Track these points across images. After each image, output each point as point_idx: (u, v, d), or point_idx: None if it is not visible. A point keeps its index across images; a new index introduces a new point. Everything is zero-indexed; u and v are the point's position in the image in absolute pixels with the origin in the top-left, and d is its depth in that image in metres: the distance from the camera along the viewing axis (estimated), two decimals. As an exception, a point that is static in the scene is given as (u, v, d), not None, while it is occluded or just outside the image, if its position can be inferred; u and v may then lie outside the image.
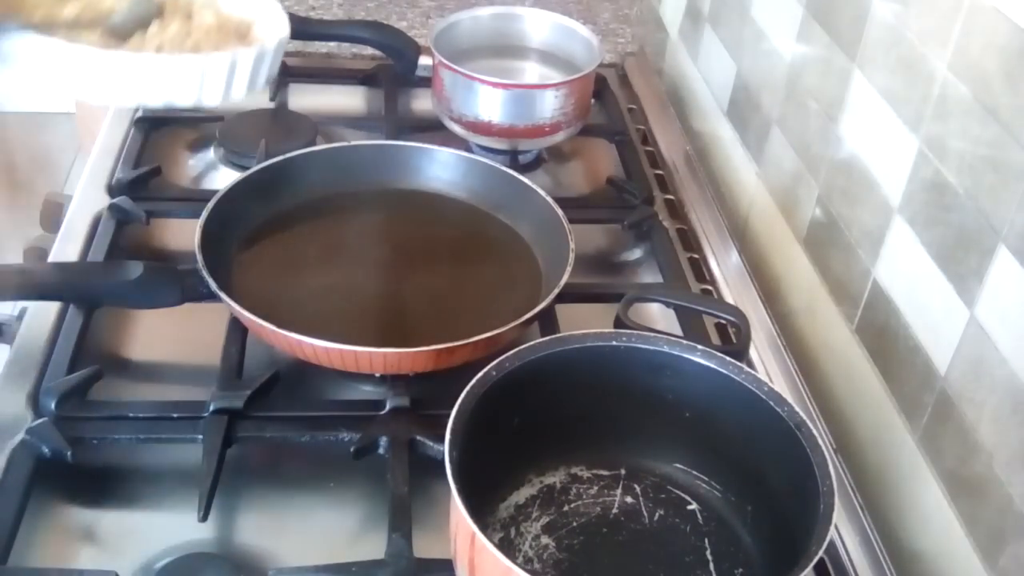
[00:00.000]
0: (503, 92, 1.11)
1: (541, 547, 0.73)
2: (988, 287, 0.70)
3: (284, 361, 0.86)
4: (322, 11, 1.45)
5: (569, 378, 0.75)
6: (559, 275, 0.88)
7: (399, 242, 1.01)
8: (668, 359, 0.74)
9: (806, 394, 0.90)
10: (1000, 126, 0.69)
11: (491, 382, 0.70)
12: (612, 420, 0.77)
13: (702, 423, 0.75)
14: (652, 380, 0.75)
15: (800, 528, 0.64)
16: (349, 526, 0.77)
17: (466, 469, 0.63)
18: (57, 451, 0.75)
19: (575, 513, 0.75)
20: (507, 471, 0.76)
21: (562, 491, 0.77)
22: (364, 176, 1.03)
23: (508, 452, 0.74)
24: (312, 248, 0.98)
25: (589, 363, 0.75)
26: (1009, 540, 0.67)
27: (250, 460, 0.81)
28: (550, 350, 0.73)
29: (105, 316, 0.90)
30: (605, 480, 0.77)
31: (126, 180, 1.05)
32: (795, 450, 0.67)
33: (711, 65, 1.25)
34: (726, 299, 1.02)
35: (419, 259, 0.99)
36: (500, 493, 0.76)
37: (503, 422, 0.72)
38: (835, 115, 0.93)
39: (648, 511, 0.75)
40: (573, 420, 0.77)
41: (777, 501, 0.70)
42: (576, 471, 0.78)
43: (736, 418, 0.72)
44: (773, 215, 1.06)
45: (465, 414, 0.67)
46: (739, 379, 0.72)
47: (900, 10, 0.82)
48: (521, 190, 1.00)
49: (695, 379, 0.73)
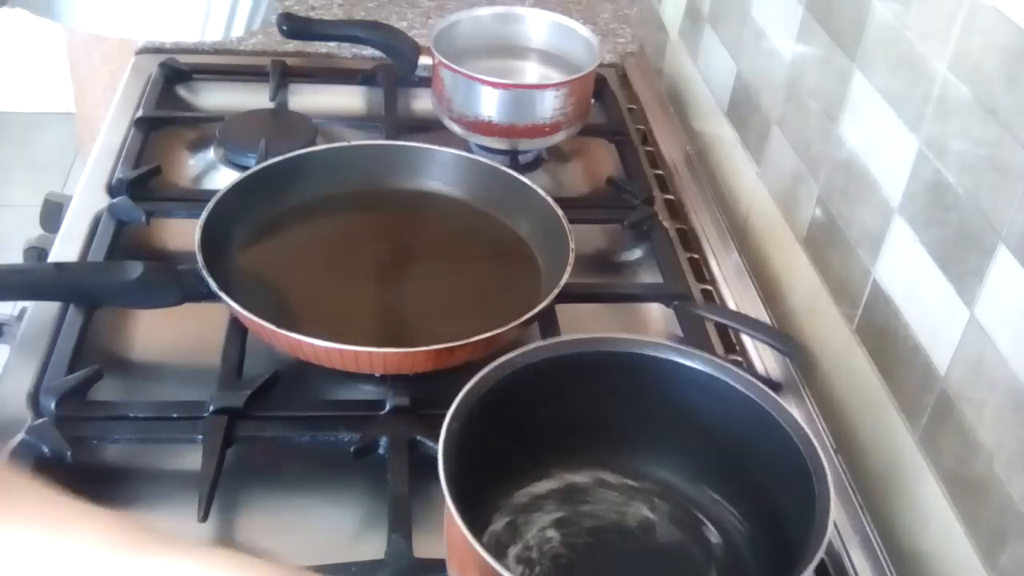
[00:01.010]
0: (503, 92, 1.11)
1: (544, 539, 0.73)
2: (988, 287, 0.70)
3: (284, 361, 0.86)
4: (322, 11, 1.45)
5: (609, 381, 0.74)
6: (559, 275, 0.88)
7: (399, 242, 1.01)
8: (710, 381, 0.72)
9: (806, 394, 0.90)
10: (1000, 126, 0.69)
11: (514, 368, 0.70)
12: (648, 432, 0.76)
13: (738, 454, 0.73)
14: (695, 399, 0.73)
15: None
16: (349, 526, 0.77)
17: (469, 454, 0.64)
18: (57, 451, 0.75)
19: (590, 515, 0.75)
20: (530, 460, 0.76)
21: (584, 491, 0.76)
22: (364, 176, 1.03)
23: (532, 443, 0.74)
24: (312, 248, 0.98)
25: (630, 370, 0.74)
26: (1009, 540, 0.67)
27: (250, 460, 0.81)
28: (589, 348, 0.74)
29: (105, 316, 0.90)
30: (631, 491, 0.77)
31: (126, 180, 1.05)
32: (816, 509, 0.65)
33: (711, 65, 1.25)
34: (726, 299, 1.02)
35: (419, 259, 1.00)
36: (518, 480, 0.76)
37: (528, 412, 0.73)
38: (835, 115, 0.93)
39: (664, 529, 0.74)
40: (608, 424, 0.76)
41: (790, 550, 0.67)
42: (604, 476, 0.77)
43: (769, 459, 0.70)
44: (773, 215, 1.06)
45: (469, 404, 0.67)
46: (780, 420, 0.69)
47: (900, 10, 0.82)
48: (521, 190, 1.00)
49: (736, 408, 0.71)
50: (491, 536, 0.73)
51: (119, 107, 1.22)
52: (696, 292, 1.01)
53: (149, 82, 1.25)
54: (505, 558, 0.72)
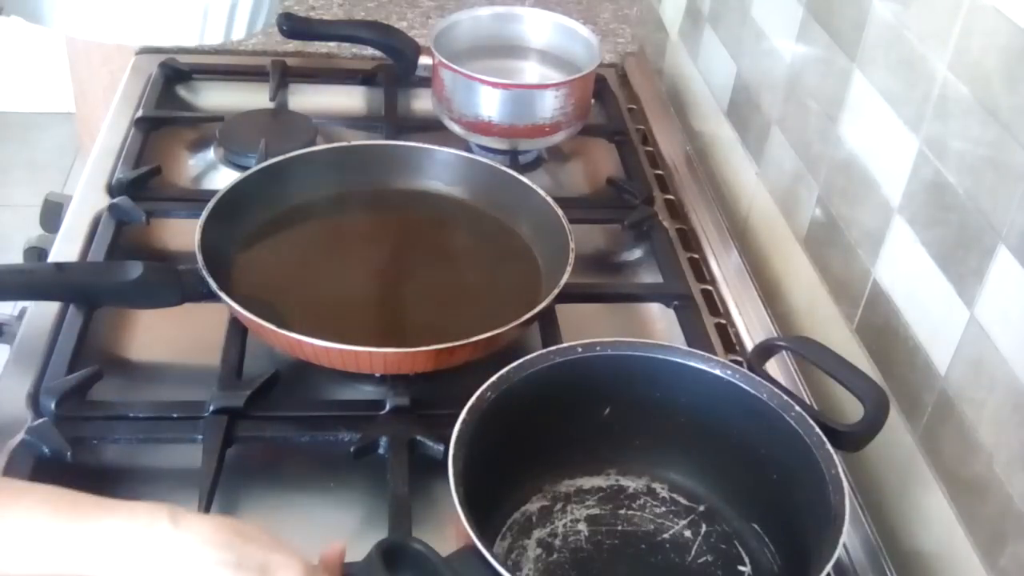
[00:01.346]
0: (503, 92, 1.11)
1: (574, 531, 0.74)
2: (988, 287, 0.70)
3: (284, 361, 0.86)
4: (322, 11, 1.45)
5: (672, 395, 0.75)
6: (559, 275, 0.88)
7: (399, 242, 1.01)
8: (769, 411, 0.72)
9: (806, 394, 0.90)
10: (1000, 126, 0.69)
11: (564, 363, 0.73)
12: (706, 454, 0.77)
13: (787, 491, 0.72)
14: (757, 430, 0.73)
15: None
16: (349, 526, 0.77)
17: (511, 429, 0.67)
18: (57, 451, 0.75)
19: (627, 520, 0.75)
20: (584, 454, 0.77)
21: (630, 497, 0.77)
22: (364, 176, 1.03)
23: (592, 437, 0.76)
24: (312, 248, 0.98)
25: (694, 390, 0.75)
26: (1009, 540, 0.67)
27: (250, 460, 0.81)
28: (653, 354, 0.75)
29: (105, 316, 0.90)
30: (678, 507, 0.77)
31: (126, 180, 1.05)
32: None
33: (711, 65, 1.25)
34: (726, 299, 1.02)
35: (419, 259, 0.99)
36: (569, 470, 0.77)
37: (593, 407, 0.75)
38: (835, 115, 0.93)
39: (697, 551, 0.74)
40: (667, 437, 0.77)
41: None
42: (656, 486, 0.78)
43: (807, 500, 0.70)
44: (773, 215, 1.06)
45: (530, 380, 0.70)
46: (828, 475, 0.68)
47: (900, 10, 0.82)
48: (521, 190, 1.00)
49: (796, 445, 0.71)
50: (523, 515, 0.74)
51: (119, 107, 1.22)
52: (696, 292, 1.01)
53: (149, 82, 1.25)
54: (527, 538, 0.72)
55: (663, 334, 0.96)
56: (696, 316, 0.95)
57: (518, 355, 0.74)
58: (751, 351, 0.81)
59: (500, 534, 0.73)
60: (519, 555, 0.72)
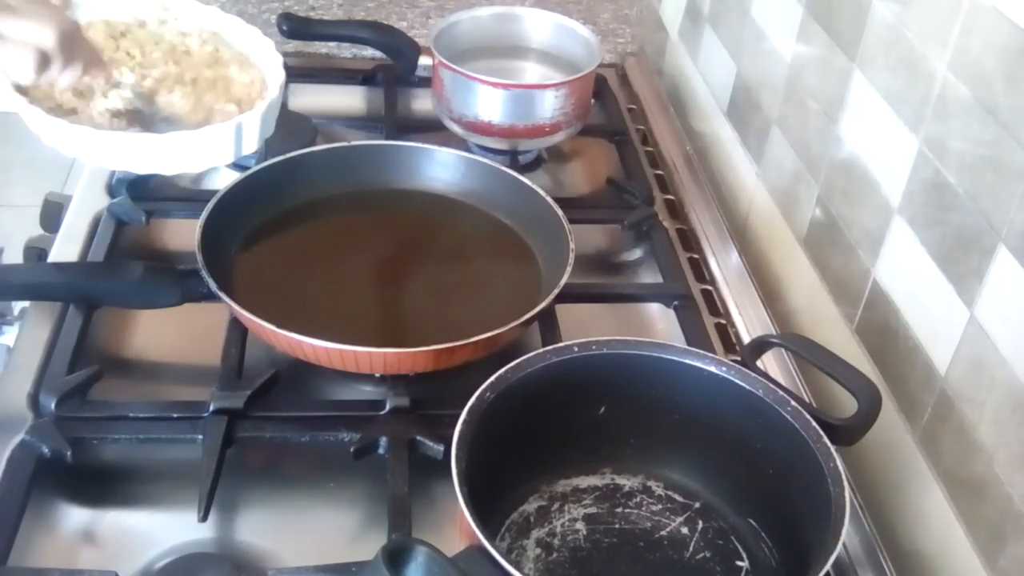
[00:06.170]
0: (503, 92, 1.11)
1: (572, 530, 0.74)
2: (988, 287, 0.70)
3: (284, 361, 0.86)
4: (322, 11, 1.45)
5: (669, 394, 0.75)
6: (559, 275, 0.88)
7: (399, 242, 1.01)
8: (765, 407, 0.72)
9: (806, 394, 0.90)
10: (1000, 126, 0.69)
11: (567, 361, 0.73)
12: (701, 450, 0.77)
13: (784, 486, 0.72)
14: (753, 426, 0.73)
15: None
16: (349, 526, 0.77)
17: (510, 429, 0.67)
18: (57, 451, 0.75)
19: (624, 518, 0.75)
20: (579, 454, 0.77)
21: (627, 495, 0.77)
22: (364, 176, 1.03)
23: (588, 437, 0.76)
24: (312, 248, 0.98)
25: (689, 387, 0.75)
26: (1009, 540, 0.67)
27: (250, 460, 0.81)
28: (650, 353, 0.75)
29: (105, 316, 0.90)
30: (674, 505, 0.77)
31: (126, 180, 1.05)
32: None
33: (711, 65, 1.25)
34: (726, 299, 1.02)
35: (419, 259, 0.99)
36: (565, 470, 0.77)
37: (588, 406, 0.75)
38: (835, 115, 0.93)
39: (695, 547, 0.74)
40: (661, 435, 0.77)
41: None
42: (652, 484, 0.78)
43: (807, 493, 0.69)
44: (773, 215, 1.06)
45: (523, 381, 0.70)
46: (827, 468, 0.68)
47: (900, 10, 0.82)
48: (521, 190, 1.00)
49: (793, 440, 0.71)
50: (521, 515, 0.74)
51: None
52: (696, 292, 1.01)
53: (149, 82, 1.25)
54: (526, 538, 0.73)
55: (663, 334, 0.96)
56: (696, 316, 0.95)
57: (518, 355, 0.74)
58: (744, 347, 0.81)
59: (499, 535, 0.73)
60: (519, 555, 0.72)
